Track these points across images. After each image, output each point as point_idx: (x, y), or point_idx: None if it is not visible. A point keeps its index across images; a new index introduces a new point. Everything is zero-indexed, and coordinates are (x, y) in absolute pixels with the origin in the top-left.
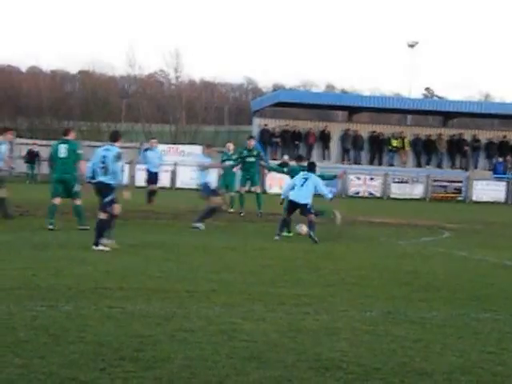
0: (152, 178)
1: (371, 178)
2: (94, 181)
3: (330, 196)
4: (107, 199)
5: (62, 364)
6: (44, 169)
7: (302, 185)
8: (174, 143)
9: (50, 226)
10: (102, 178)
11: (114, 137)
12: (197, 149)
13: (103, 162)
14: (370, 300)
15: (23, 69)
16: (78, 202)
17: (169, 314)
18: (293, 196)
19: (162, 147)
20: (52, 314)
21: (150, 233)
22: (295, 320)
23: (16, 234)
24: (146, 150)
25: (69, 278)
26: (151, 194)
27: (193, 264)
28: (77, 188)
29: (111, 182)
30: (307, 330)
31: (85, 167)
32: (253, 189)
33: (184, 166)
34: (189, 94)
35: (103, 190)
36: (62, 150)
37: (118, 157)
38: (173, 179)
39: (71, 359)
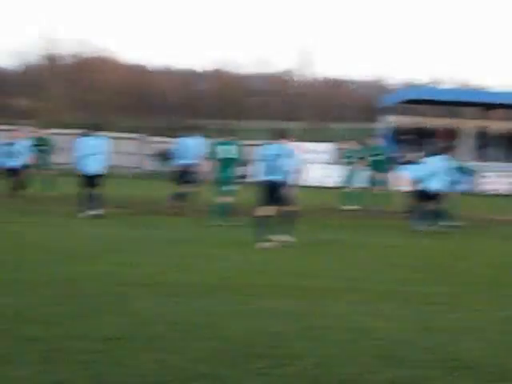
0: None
1: (509, 176)
2: (263, 179)
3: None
4: (282, 196)
5: (194, 359)
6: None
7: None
8: (302, 141)
9: (219, 223)
10: (274, 177)
11: (283, 134)
12: (324, 146)
13: (274, 160)
14: (505, 299)
15: (155, 68)
16: (228, 199)
17: (300, 311)
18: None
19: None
20: (183, 310)
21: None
22: (426, 319)
23: (147, 230)
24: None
25: (199, 274)
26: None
27: (324, 261)
28: (235, 187)
29: (284, 180)
30: (439, 329)
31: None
32: (379, 187)
33: (312, 163)
34: (317, 91)
35: (277, 188)
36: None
37: (290, 154)
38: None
39: (204, 355)
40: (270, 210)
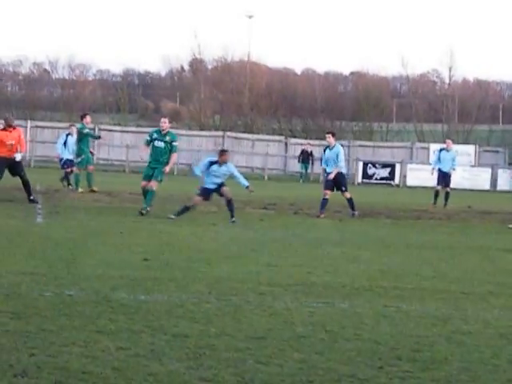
0: (445, 178)
1: None
2: None
3: None
4: None
5: (339, 360)
6: (316, 168)
7: None
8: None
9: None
10: None
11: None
12: (470, 148)
13: None
14: None
15: (298, 71)
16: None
17: (445, 315)
18: None
19: (434, 147)
20: (328, 311)
21: (422, 233)
22: None
23: (290, 232)
24: (441, 150)
25: (343, 275)
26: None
27: (467, 265)
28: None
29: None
30: None
31: None
32: None
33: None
34: (462, 92)
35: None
36: None
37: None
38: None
39: (348, 356)
40: None
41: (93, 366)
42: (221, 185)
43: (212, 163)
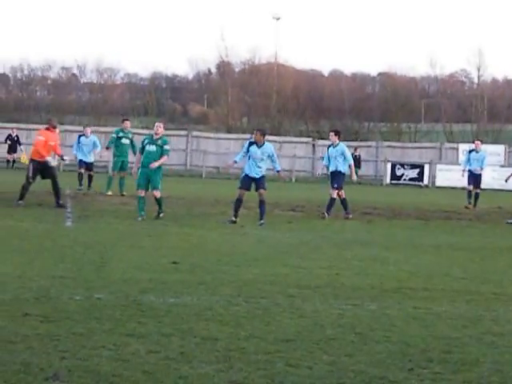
0: (475, 179)
1: None
2: None
3: None
4: None
5: (369, 363)
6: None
7: None
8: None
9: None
10: None
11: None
12: (500, 148)
13: None
14: None
15: (325, 72)
16: None
17: (475, 317)
18: None
19: (463, 147)
20: (357, 313)
21: (452, 234)
22: None
23: (318, 233)
24: (471, 151)
25: (372, 277)
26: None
27: (498, 266)
28: None
29: None
30: None
31: None
32: None
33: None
34: (491, 92)
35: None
36: None
37: None
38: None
39: (378, 358)
40: None
41: (123, 369)
42: (260, 179)
43: (251, 144)
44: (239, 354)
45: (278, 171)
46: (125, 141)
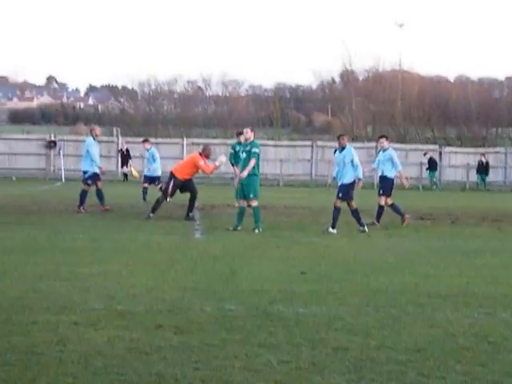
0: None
1: None
2: None
3: None
4: None
5: (504, 372)
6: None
7: None
8: None
9: None
10: None
11: None
12: None
13: None
14: None
15: (451, 78)
16: None
17: None
18: None
19: None
20: (490, 322)
21: None
22: None
23: (447, 242)
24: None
25: (504, 285)
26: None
27: None
28: None
29: None
30: None
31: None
32: None
33: None
34: None
35: None
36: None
37: None
38: None
39: None
40: None
41: (255, 379)
42: (349, 186)
43: (335, 151)
44: (370, 364)
45: (358, 179)
46: (242, 154)
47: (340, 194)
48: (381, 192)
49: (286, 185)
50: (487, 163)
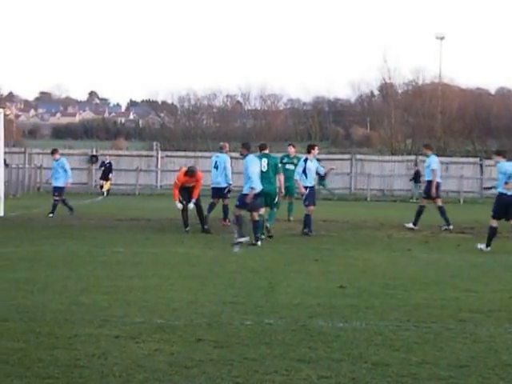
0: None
1: None
2: None
3: None
4: None
5: None
6: None
7: None
8: None
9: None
10: None
11: None
12: None
13: None
14: None
15: (492, 90)
16: None
17: None
18: None
19: None
20: None
21: None
22: None
23: (489, 256)
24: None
25: None
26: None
27: None
28: None
29: None
30: None
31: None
32: None
33: None
34: None
35: None
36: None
37: None
38: None
39: None
40: None
41: None
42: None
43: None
44: (411, 380)
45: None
46: (289, 166)
47: (307, 202)
48: (306, 203)
49: (324, 198)
50: None
